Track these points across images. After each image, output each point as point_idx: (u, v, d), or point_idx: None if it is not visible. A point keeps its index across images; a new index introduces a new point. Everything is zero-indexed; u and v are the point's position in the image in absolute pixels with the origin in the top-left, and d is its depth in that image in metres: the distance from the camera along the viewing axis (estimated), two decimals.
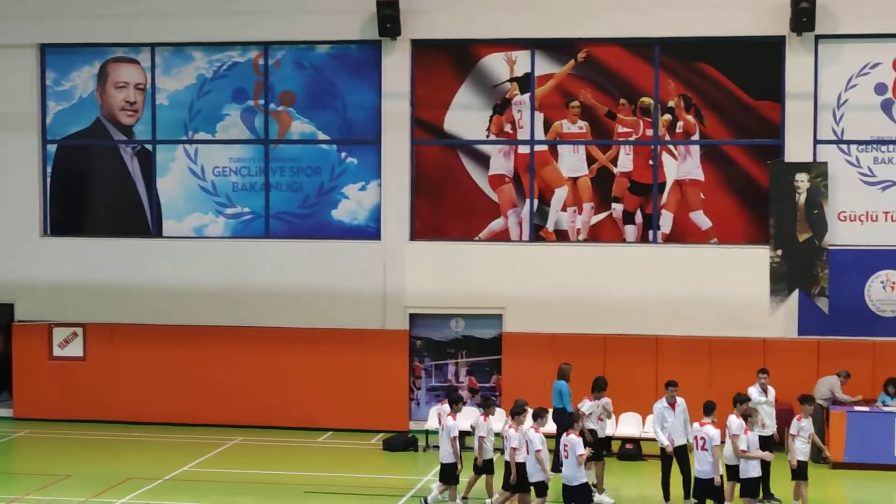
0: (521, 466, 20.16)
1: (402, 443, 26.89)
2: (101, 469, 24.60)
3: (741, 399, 20.58)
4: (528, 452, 19.94)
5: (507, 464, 20.39)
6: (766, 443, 21.81)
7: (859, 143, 27.20)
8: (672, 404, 21.63)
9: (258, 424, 28.61)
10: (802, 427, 20.86)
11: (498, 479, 21.17)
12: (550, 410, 22.15)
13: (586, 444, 19.58)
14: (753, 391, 22.48)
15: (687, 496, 21.33)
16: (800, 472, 20.83)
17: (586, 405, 22.37)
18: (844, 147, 27.23)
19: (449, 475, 21.38)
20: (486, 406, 21.85)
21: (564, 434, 19.64)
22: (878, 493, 23.03)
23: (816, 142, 27.20)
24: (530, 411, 20.41)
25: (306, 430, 28.37)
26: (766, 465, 21.41)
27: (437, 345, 28.66)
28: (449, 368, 28.62)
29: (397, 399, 28.35)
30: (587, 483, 19.57)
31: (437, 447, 26.46)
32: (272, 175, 29.01)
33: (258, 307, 28.73)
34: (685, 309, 27.43)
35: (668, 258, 27.65)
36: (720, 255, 27.58)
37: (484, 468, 21.56)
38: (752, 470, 19.82)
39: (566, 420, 20.39)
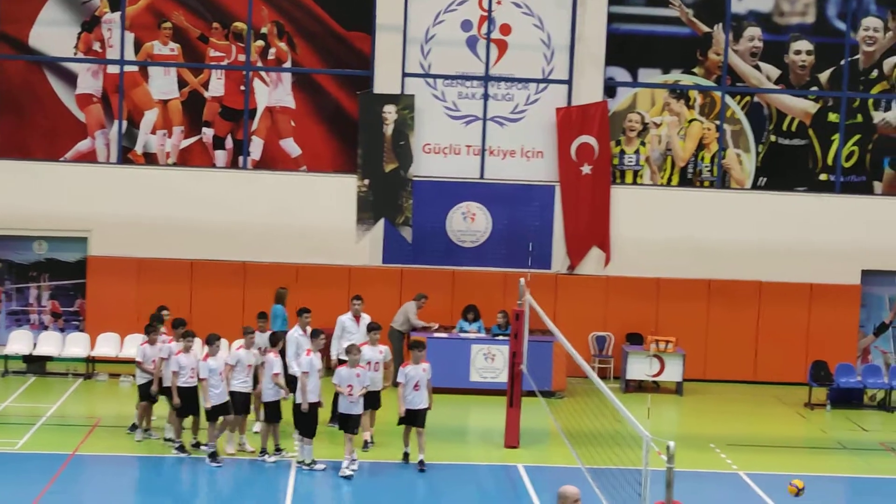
0: (187, 391, 20.36)
1: None
2: None
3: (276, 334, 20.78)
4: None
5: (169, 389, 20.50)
6: None
7: (445, 77, 28.02)
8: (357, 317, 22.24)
9: None
10: (408, 374, 20.14)
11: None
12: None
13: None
14: (346, 319, 22.50)
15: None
16: (405, 420, 20.14)
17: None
18: (431, 81, 28.00)
19: (274, 413, 20.48)
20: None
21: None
22: (453, 415, 23.99)
23: (405, 74, 27.84)
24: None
25: None
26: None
27: (19, 268, 27.79)
28: (31, 292, 27.83)
29: None
30: (279, 401, 20.19)
31: (17, 373, 25.92)
32: None
33: None
34: (273, 236, 27.64)
35: (258, 184, 27.77)
36: (309, 182, 27.92)
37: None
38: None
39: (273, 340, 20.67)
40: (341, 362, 20.93)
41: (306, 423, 19.82)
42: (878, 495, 20.36)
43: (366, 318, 22.42)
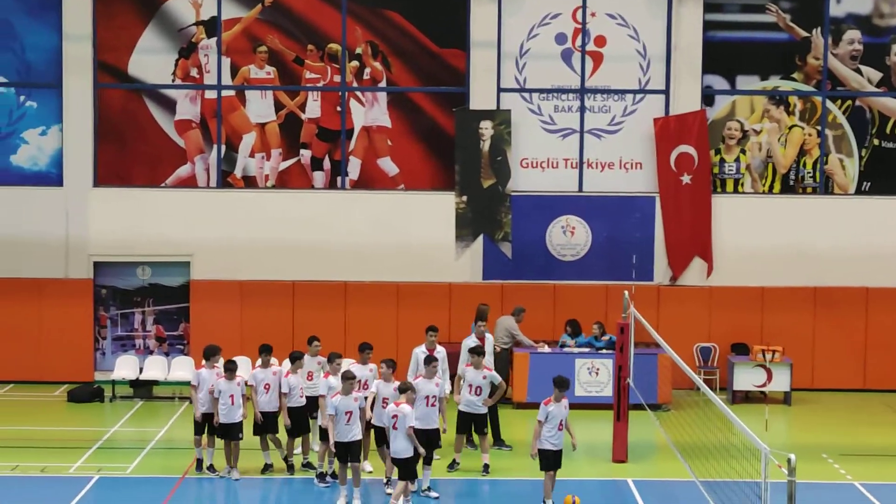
0: (295, 411, 20.43)
1: (87, 394, 26.30)
2: None
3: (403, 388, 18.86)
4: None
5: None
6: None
7: (541, 91, 27.93)
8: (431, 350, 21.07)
9: None
10: (551, 412, 18.53)
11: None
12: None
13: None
14: (470, 342, 22.04)
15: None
16: (546, 463, 18.51)
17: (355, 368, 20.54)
18: (527, 95, 27.92)
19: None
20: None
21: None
22: None
23: (500, 90, 27.79)
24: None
25: None
26: (493, 409, 21.87)
27: (123, 293, 28.09)
28: (135, 317, 28.12)
29: (82, 349, 27.66)
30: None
31: (124, 398, 26.20)
32: None
33: None
34: (373, 254, 27.70)
35: (356, 204, 27.84)
36: (407, 201, 27.94)
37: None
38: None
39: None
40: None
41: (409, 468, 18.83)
42: None
43: (489, 339, 22.49)
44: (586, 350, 25.79)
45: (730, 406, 25.21)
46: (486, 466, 20.75)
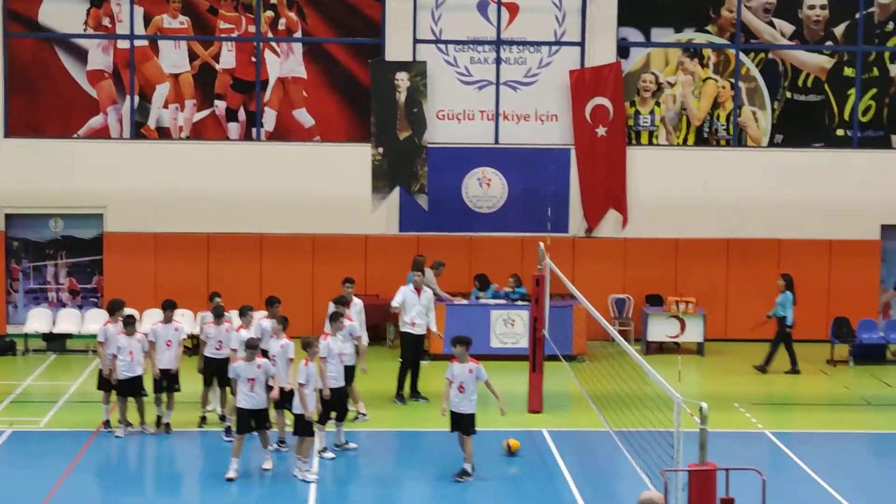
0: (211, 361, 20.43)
1: None
2: None
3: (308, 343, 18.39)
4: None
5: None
6: (420, 340, 22.66)
7: (457, 42, 27.86)
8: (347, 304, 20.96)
9: None
10: (455, 373, 18.17)
11: None
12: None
13: None
14: (408, 291, 22.36)
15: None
16: (452, 424, 18.33)
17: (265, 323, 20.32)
18: (443, 47, 27.83)
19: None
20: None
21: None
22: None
23: (416, 41, 27.68)
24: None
25: None
26: (416, 362, 22.50)
27: (36, 246, 27.76)
28: (48, 270, 27.80)
29: None
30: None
31: (37, 351, 25.93)
32: None
33: None
34: (288, 206, 27.55)
35: (272, 156, 27.66)
36: (323, 152, 27.81)
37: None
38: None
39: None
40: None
41: (326, 410, 18.88)
42: None
43: (427, 292, 22.60)
44: (502, 302, 25.91)
45: (644, 357, 25.39)
46: (361, 414, 20.75)
